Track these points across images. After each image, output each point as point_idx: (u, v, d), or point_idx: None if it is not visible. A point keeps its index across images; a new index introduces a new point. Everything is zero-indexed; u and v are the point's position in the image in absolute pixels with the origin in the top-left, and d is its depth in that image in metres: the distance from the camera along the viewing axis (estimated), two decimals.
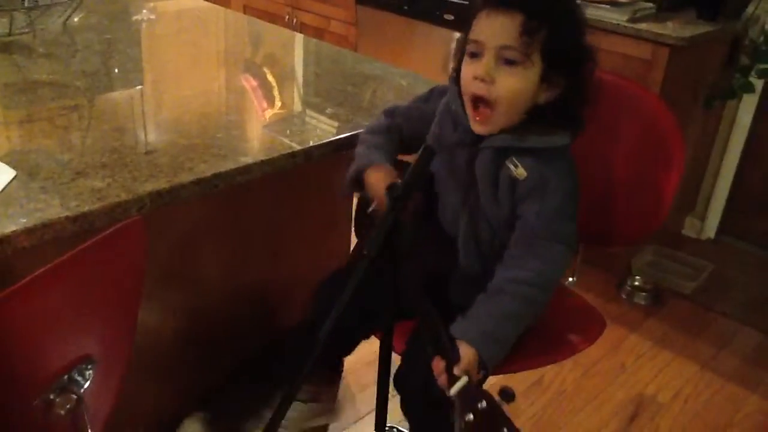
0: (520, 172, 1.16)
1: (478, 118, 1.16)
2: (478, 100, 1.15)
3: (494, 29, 1.12)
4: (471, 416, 0.95)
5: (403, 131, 1.35)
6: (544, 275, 1.15)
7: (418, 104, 1.36)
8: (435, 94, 1.34)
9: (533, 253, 1.16)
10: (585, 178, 1.21)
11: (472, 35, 1.15)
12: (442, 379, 1.05)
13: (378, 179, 1.24)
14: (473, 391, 1.00)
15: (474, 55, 1.15)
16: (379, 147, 1.32)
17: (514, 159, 1.16)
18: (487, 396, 0.97)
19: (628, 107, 1.39)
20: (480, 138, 1.19)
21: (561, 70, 1.14)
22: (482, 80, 1.13)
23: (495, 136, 1.18)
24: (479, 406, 0.96)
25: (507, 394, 0.99)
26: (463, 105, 1.19)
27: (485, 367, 1.11)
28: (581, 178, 1.21)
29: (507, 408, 0.98)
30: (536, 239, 1.16)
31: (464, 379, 1.01)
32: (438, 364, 1.07)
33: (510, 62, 1.12)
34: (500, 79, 1.12)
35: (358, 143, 1.35)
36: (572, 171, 1.20)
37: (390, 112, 1.38)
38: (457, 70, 1.20)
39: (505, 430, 0.92)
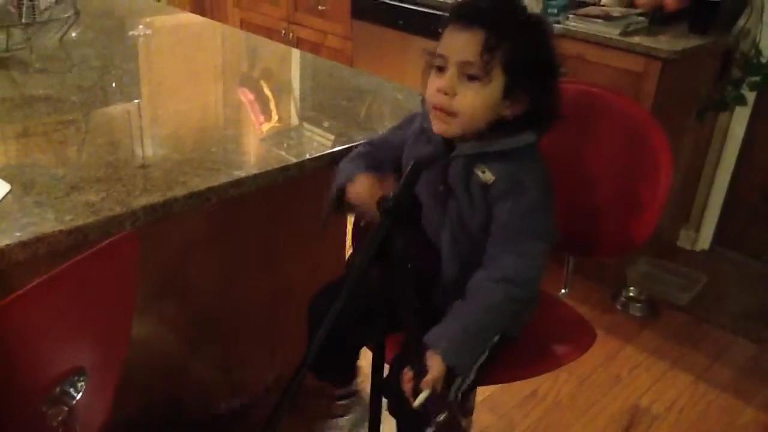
0: (488, 176, 1.19)
1: (438, 120, 1.20)
2: (439, 109, 1.19)
3: (457, 45, 1.16)
4: (432, 430, 0.97)
5: (382, 160, 1.36)
6: (522, 271, 1.17)
7: (393, 134, 1.39)
8: (407, 121, 1.38)
9: (509, 249, 1.18)
10: (571, 189, 1.23)
11: (439, 49, 1.19)
12: (408, 387, 1.07)
13: (361, 187, 1.26)
14: (435, 403, 1.01)
15: (440, 69, 1.19)
16: (358, 163, 1.33)
17: (481, 165, 1.20)
18: (447, 408, 0.98)
19: (615, 120, 1.41)
20: (450, 150, 1.22)
21: (524, 86, 1.17)
22: (444, 93, 1.17)
23: (464, 145, 1.21)
24: (438, 419, 0.97)
25: (465, 410, 1.02)
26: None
27: (457, 375, 1.12)
28: (568, 192, 1.23)
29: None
30: (511, 236, 1.18)
31: (426, 392, 1.03)
32: (406, 374, 1.09)
33: (472, 77, 1.16)
34: (461, 94, 1.17)
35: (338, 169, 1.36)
36: (542, 168, 1.23)
37: (367, 144, 1.41)
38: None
39: None
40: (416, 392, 1.04)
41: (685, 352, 2.43)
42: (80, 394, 0.87)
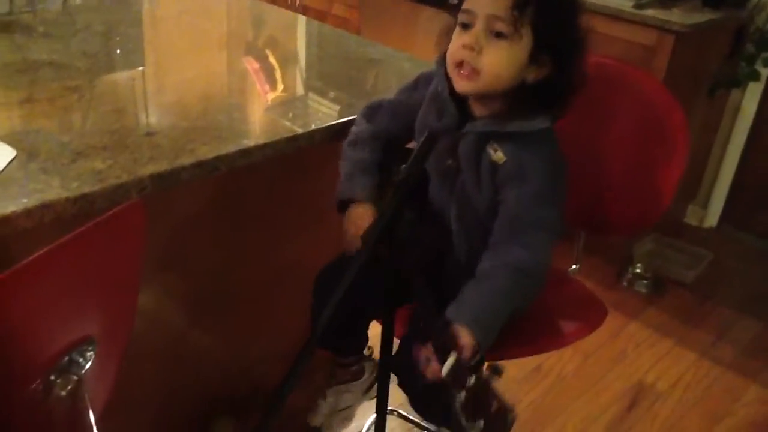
0: (500, 156, 1.16)
1: (462, 73, 1.15)
2: (462, 65, 1.15)
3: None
4: (463, 394, 0.96)
5: (390, 131, 1.33)
6: (528, 262, 1.15)
7: (405, 96, 1.35)
8: (422, 81, 1.33)
9: (515, 239, 1.16)
10: (585, 167, 1.21)
11: (465, 5, 1.15)
12: (430, 367, 1.05)
13: (356, 224, 1.25)
14: (463, 368, 1.00)
15: (465, 26, 1.15)
16: (363, 170, 1.31)
17: (494, 144, 1.17)
18: (475, 372, 0.97)
19: (630, 94, 1.38)
20: (462, 124, 1.19)
21: (550, 50, 1.13)
22: (471, 49, 1.13)
23: (477, 122, 1.18)
24: (468, 382, 0.96)
25: (496, 370, 0.99)
26: (449, 88, 1.19)
27: (478, 350, 1.11)
28: (581, 168, 1.20)
29: (496, 383, 0.98)
30: (518, 225, 1.16)
31: (453, 358, 1.01)
32: (426, 351, 1.07)
33: (499, 35, 1.12)
34: (487, 51, 1.12)
35: (341, 157, 1.35)
36: (554, 155, 1.20)
37: (372, 111, 1.36)
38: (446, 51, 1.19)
39: (495, 402, 0.93)
40: (442, 361, 1.03)
41: (689, 329, 2.43)
42: (89, 364, 0.86)
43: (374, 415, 1.39)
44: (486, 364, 1.02)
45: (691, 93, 2.59)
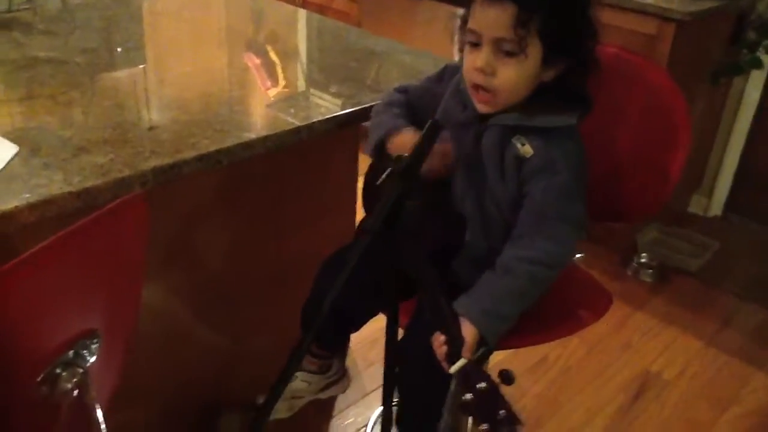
0: (527, 149, 1.15)
1: (479, 99, 1.17)
2: (478, 87, 1.15)
3: (488, 21, 1.11)
4: (469, 396, 0.95)
5: (413, 110, 1.34)
6: (552, 255, 1.15)
7: (431, 84, 1.35)
8: (448, 72, 1.32)
9: (541, 232, 1.15)
10: (590, 154, 1.20)
11: (470, 24, 1.14)
12: (441, 352, 1.05)
13: (405, 141, 1.24)
14: (473, 371, 1.00)
15: (474, 45, 1.14)
16: (401, 116, 1.31)
17: (520, 137, 1.16)
18: (486, 377, 0.97)
19: (633, 81, 1.37)
20: (487, 116, 1.19)
21: (561, 50, 1.12)
22: (482, 71, 1.13)
23: (502, 115, 1.17)
24: (478, 386, 0.96)
25: (507, 377, 0.99)
26: None
27: (486, 344, 1.11)
28: (587, 153, 1.20)
29: (506, 390, 0.97)
30: (544, 218, 1.15)
31: (463, 360, 1.01)
32: (438, 338, 1.07)
33: (509, 53, 1.11)
34: (500, 71, 1.12)
35: (372, 115, 1.35)
36: (579, 151, 1.19)
37: (402, 90, 1.37)
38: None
39: (503, 411, 0.92)
40: (451, 359, 1.03)
41: (695, 318, 2.43)
42: (94, 357, 0.86)
43: (381, 408, 1.39)
44: (498, 371, 1.02)
45: (694, 81, 2.58)
